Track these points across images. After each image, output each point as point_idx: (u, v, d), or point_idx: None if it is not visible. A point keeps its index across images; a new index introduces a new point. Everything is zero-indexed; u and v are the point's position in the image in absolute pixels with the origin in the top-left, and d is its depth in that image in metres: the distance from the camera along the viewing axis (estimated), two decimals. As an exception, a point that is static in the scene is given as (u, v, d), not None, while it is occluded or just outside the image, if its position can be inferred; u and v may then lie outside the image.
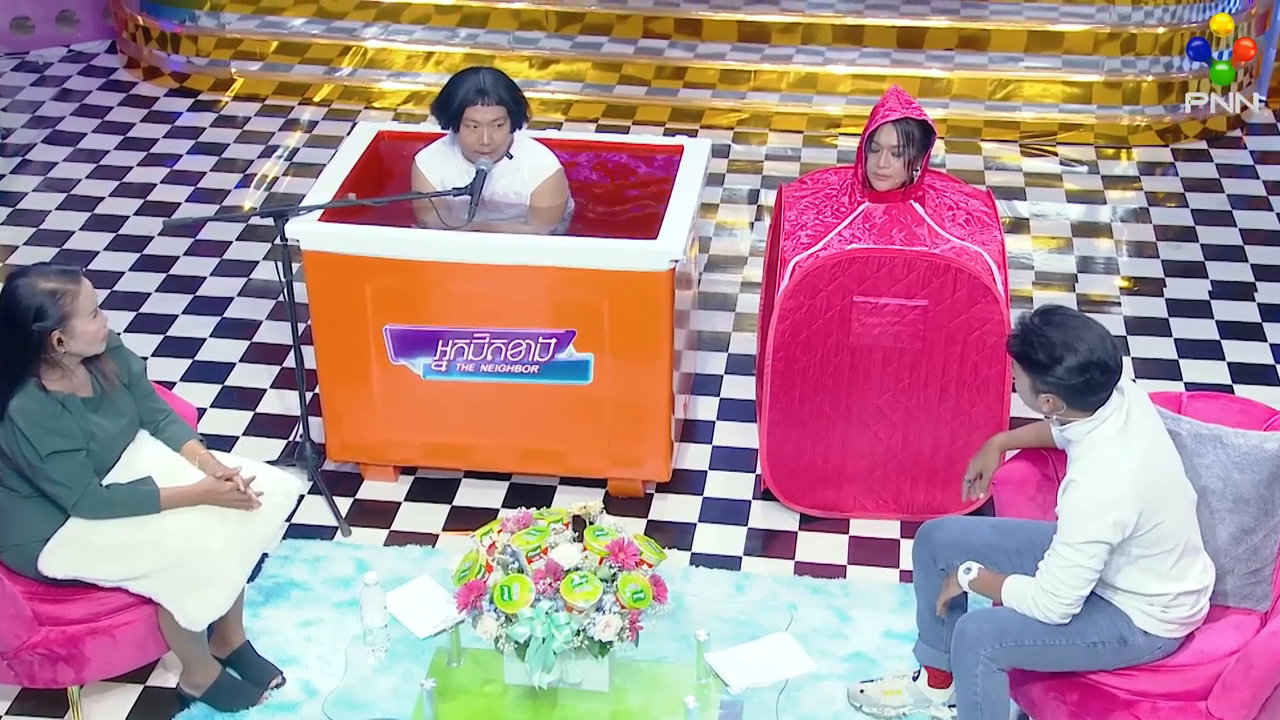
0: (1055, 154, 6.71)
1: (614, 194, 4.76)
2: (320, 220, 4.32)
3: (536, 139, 4.60)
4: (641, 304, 4.23)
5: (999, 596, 3.42)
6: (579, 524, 3.51)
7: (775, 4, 7.21)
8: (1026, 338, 3.29)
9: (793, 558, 4.40)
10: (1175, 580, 3.37)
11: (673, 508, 4.59)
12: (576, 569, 3.38)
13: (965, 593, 3.60)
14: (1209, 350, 5.33)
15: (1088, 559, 3.26)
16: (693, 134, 6.71)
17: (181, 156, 6.66)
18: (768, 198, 6.28)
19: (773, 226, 4.73)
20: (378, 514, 4.55)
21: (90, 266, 5.78)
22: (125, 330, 5.37)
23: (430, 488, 4.66)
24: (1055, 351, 3.25)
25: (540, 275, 4.23)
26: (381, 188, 4.70)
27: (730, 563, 4.37)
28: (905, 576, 4.28)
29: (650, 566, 3.46)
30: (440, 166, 4.49)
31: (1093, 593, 3.36)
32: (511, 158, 4.47)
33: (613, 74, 7.08)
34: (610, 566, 3.41)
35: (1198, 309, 5.58)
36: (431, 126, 4.68)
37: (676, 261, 4.18)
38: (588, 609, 3.33)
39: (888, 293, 4.17)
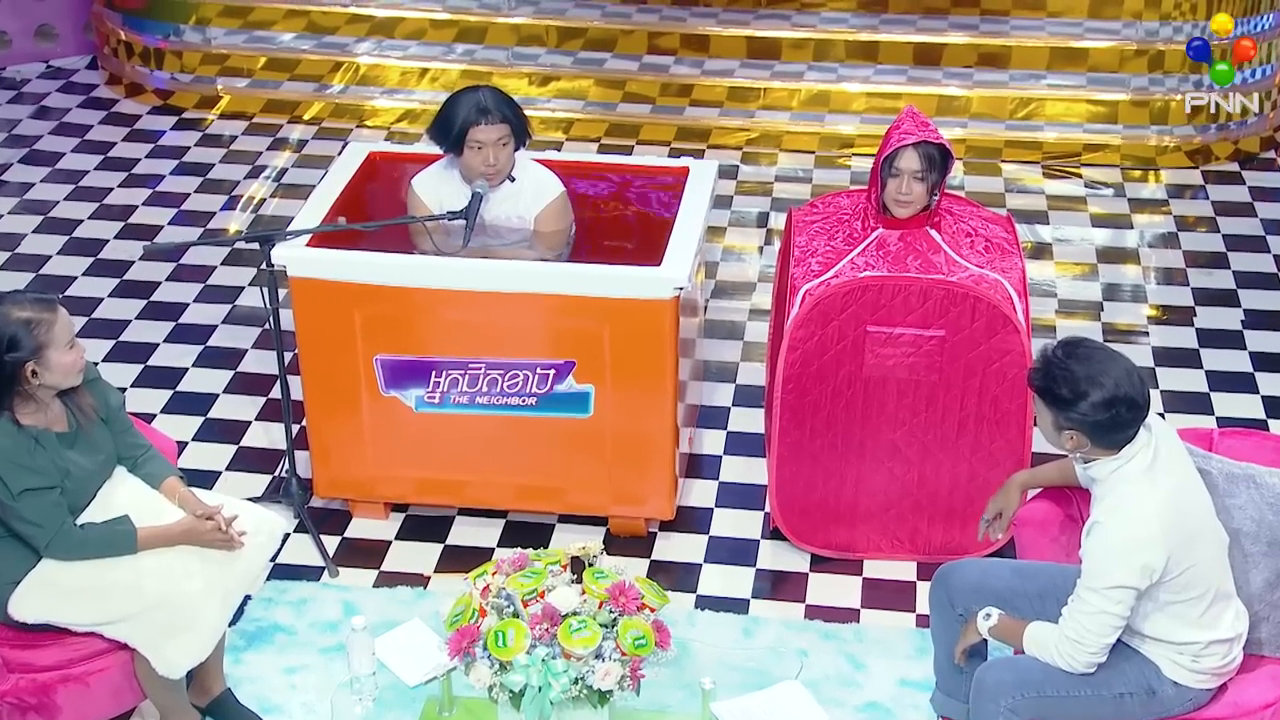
0: (1079, 176, 6.71)
1: (616, 218, 4.77)
2: (308, 245, 4.32)
3: (537, 160, 4.61)
4: (644, 333, 4.23)
5: (1020, 644, 3.40)
6: (578, 566, 3.50)
7: (786, 19, 7.23)
8: (1049, 371, 3.28)
9: (803, 601, 4.38)
10: (1206, 628, 3.35)
11: (677, 547, 4.58)
12: (575, 613, 3.36)
13: (985, 640, 3.58)
14: (1241, 383, 5.31)
15: (1114, 605, 3.24)
16: (699, 154, 6.74)
17: (164, 177, 6.67)
18: (777, 221, 6.29)
19: (782, 252, 4.73)
20: (367, 554, 4.54)
21: (67, 292, 5.79)
22: (104, 360, 5.37)
23: (422, 526, 4.65)
24: (1079, 386, 3.24)
25: (538, 303, 4.23)
26: (373, 211, 4.70)
27: (737, 606, 4.36)
28: (922, 621, 4.26)
29: (652, 611, 3.45)
30: (439, 190, 4.50)
31: (1119, 641, 3.34)
32: (513, 180, 4.48)
33: (616, 91, 7.10)
34: (610, 611, 3.39)
35: (1229, 339, 5.57)
36: (425, 147, 4.69)
37: (681, 289, 4.18)
38: (586, 656, 3.31)
39: (903, 322, 4.16)
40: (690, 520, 4.67)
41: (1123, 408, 3.24)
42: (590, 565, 3.51)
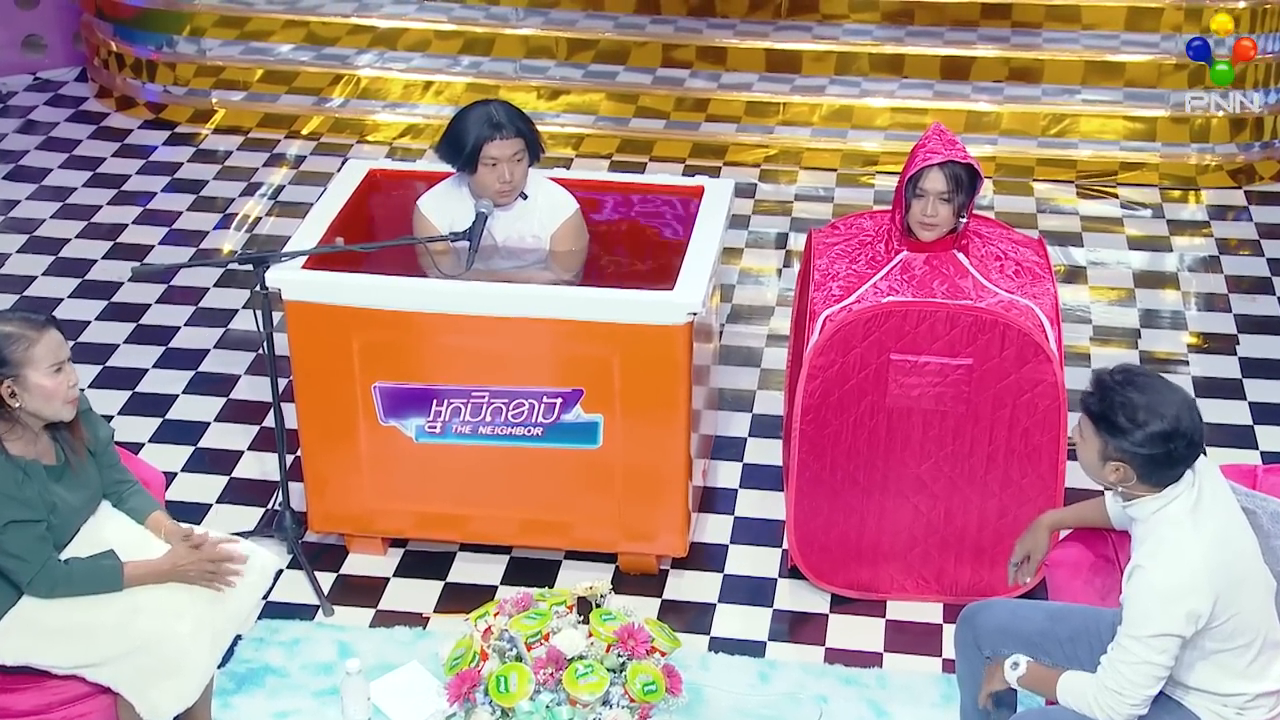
0: (1116, 196, 6.70)
1: (627, 239, 4.77)
2: (305, 267, 4.33)
3: (547, 178, 4.62)
4: (656, 360, 4.22)
5: (1053, 694, 3.37)
6: (584, 606, 3.49)
7: (807, 30, 7.24)
8: (1107, 397, 3.25)
9: (823, 644, 4.36)
10: (1253, 679, 3.32)
11: (690, 586, 4.56)
12: (581, 657, 3.36)
13: (1014, 689, 3.56)
14: (1287, 415, 5.30)
15: (1157, 654, 3.22)
16: (716, 171, 6.76)
17: (156, 195, 6.70)
18: (797, 242, 6.29)
19: (801, 275, 4.73)
20: (363, 591, 4.53)
21: (53, 315, 5.79)
22: (90, 386, 5.38)
23: (422, 562, 4.64)
24: (1138, 415, 3.21)
25: (545, 329, 4.23)
26: (373, 231, 4.71)
27: (753, 649, 4.34)
28: (948, 666, 4.24)
29: (663, 655, 3.45)
30: (449, 211, 4.50)
31: (1161, 692, 3.31)
32: (526, 197, 4.48)
33: (629, 106, 7.11)
34: (618, 655, 3.39)
35: (1274, 369, 5.55)
36: (429, 164, 4.70)
37: (695, 314, 4.18)
38: (593, 703, 3.30)
39: (928, 350, 4.15)
40: (704, 558, 4.66)
41: (1181, 443, 3.22)
42: (597, 606, 3.51)
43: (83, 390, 3.63)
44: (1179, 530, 3.24)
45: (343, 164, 5.06)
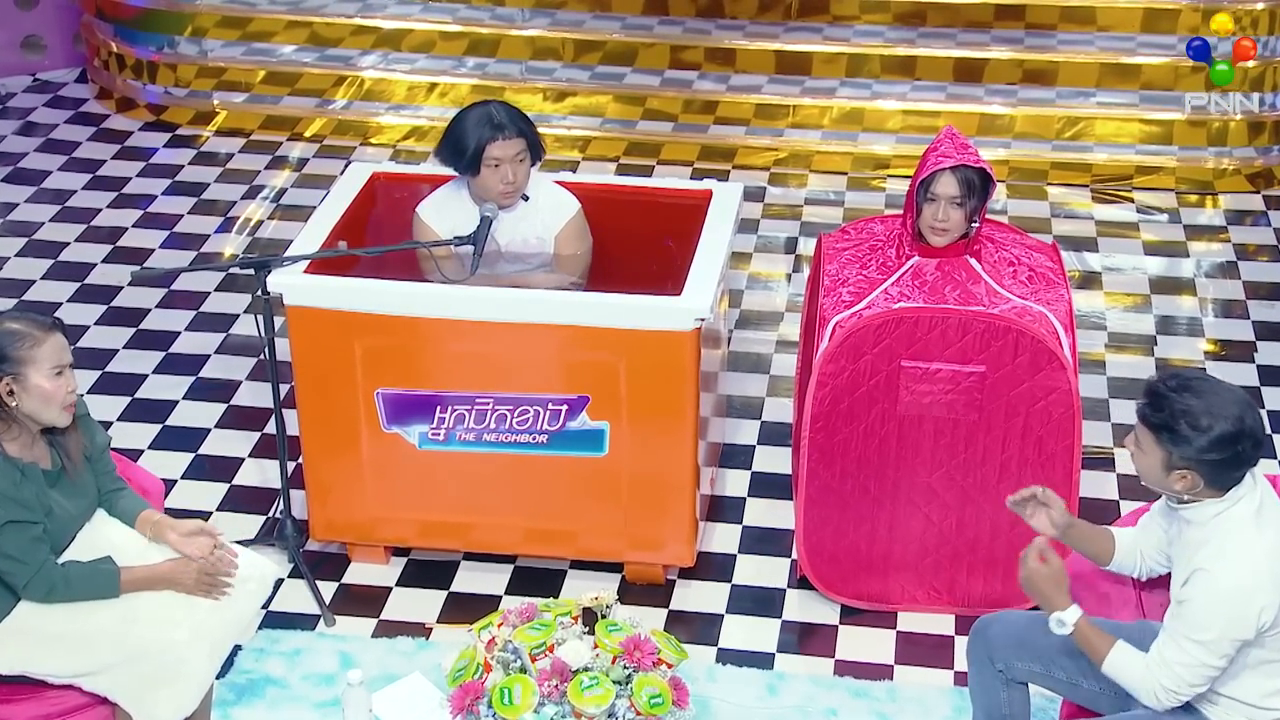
0: (1131, 200, 6.70)
1: (634, 243, 4.77)
2: (306, 271, 4.33)
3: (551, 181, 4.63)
4: (663, 367, 4.22)
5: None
6: (590, 617, 3.49)
7: (818, 32, 7.24)
8: (1165, 405, 3.22)
9: (832, 656, 4.36)
10: None
11: (697, 596, 4.56)
12: (586, 669, 3.36)
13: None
14: (1306, 423, 5.29)
15: (1217, 658, 3.22)
16: (725, 174, 6.76)
17: (156, 198, 6.71)
18: (806, 247, 6.28)
19: (811, 280, 4.72)
20: (365, 601, 4.53)
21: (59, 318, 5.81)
22: (89, 391, 5.39)
23: (425, 571, 4.64)
24: (1201, 421, 3.19)
25: (550, 334, 4.23)
26: (376, 235, 4.71)
27: (762, 660, 4.33)
28: (960, 679, 4.24)
29: (670, 667, 3.44)
30: (450, 216, 4.51)
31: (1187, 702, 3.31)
32: (528, 199, 4.49)
33: (636, 108, 7.11)
34: (624, 666, 3.39)
35: (1293, 376, 5.56)
36: (433, 167, 4.70)
37: (703, 320, 4.17)
38: (599, 715, 3.30)
39: (940, 357, 4.15)
40: (711, 567, 4.66)
41: (1247, 443, 3.20)
42: (603, 617, 3.51)
43: (80, 396, 3.64)
44: (1244, 534, 3.23)
45: (346, 167, 5.06)
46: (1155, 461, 3.27)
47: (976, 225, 4.25)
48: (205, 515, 4.85)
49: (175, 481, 4.98)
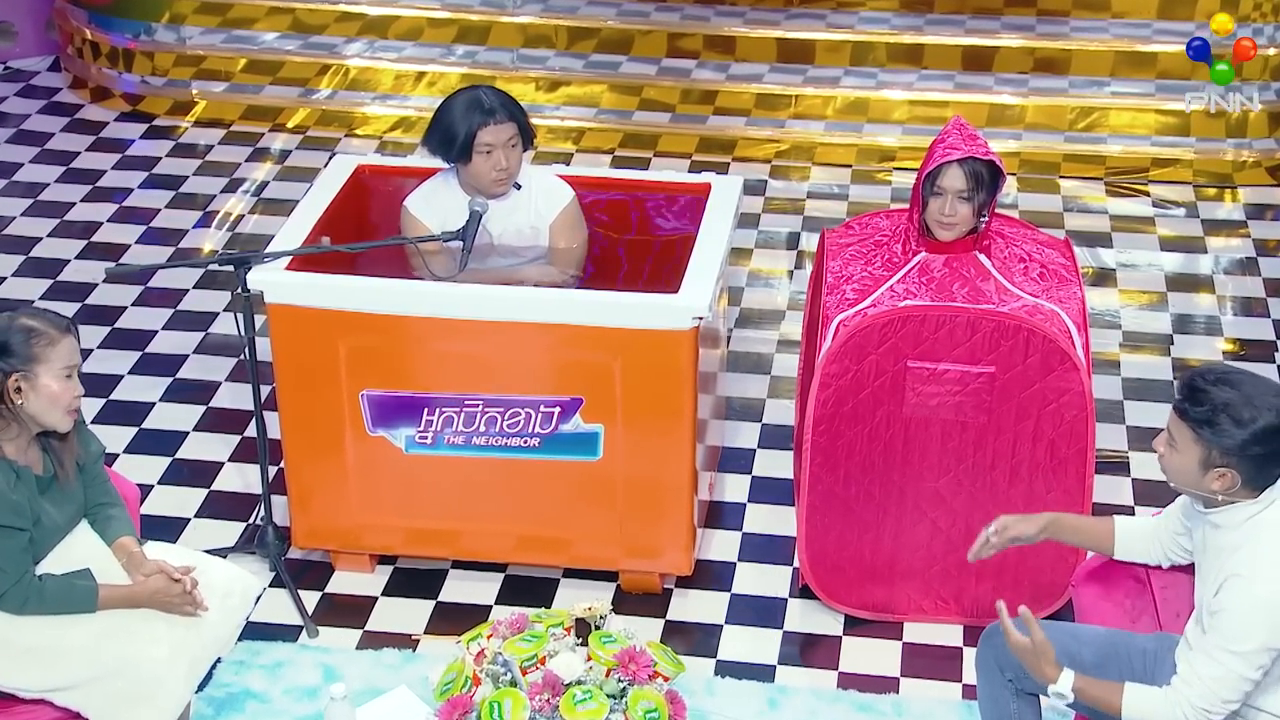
0: (1147, 194, 6.70)
1: (630, 239, 4.77)
2: (288, 268, 4.33)
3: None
4: (660, 367, 4.22)
5: (1116, 710, 3.29)
6: (583, 628, 3.49)
7: (821, 19, 7.25)
8: (1204, 400, 3.20)
9: (836, 668, 4.36)
10: None
11: (695, 606, 4.56)
12: (579, 683, 3.36)
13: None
14: (1328, 425, 5.28)
15: (1253, 670, 3.19)
16: (724, 167, 6.76)
17: (132, 191, 6.70)
18: (809, 242, 6.29)
19: (814, 278, 4.73)
20: (350, 611, 4.53)
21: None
22: (62, 392, 5.38)
23: (412, 580, 4.64)
24: (1243, 414, 3.17)
25: (542, 333, 4.23)
26: (361, 230, 4.71)
27: (762, 673, 4.33)
28: (969, 692, 4.23)
29: (666, 680, 3.44)
30: (439, 209, 4.51)
31: None
32: (520, 187, 4.49)
33: (632, 98, 7.12)
34: (619, 680, 3.39)
35: (1315, 377, 5.56)
36: (420, 159, 4.70)
37: (701, 318, 4.17)
38: (592, 730, 3.30)
39: (948, 357, 4.15)
40: (710, 576, 4.66)
41: None
42: (597, 628, 3.50)
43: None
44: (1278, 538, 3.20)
45: (330, 159, 5.07)
46: (1191, 460, 3.24)
47: (985, 220, 4.25)
48: (183, 522, 4.85)
49: (152, 487, 4.98)
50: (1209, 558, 3.31)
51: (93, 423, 5.19)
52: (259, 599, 4.44)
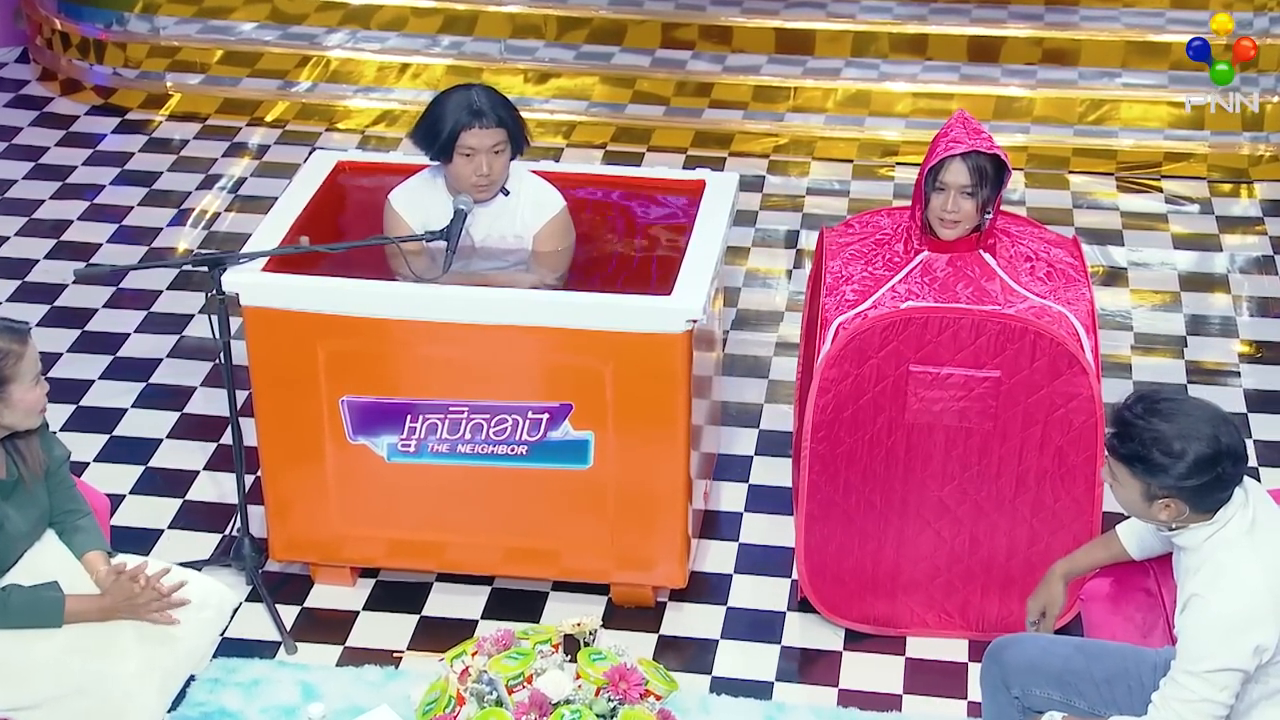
0: (1159, 190, 6.70)
1: (621, 238, 4.77)
2: (265, 269, 4.32)
3: (533, 171, 4.62)
4: (653, 372, 4.22)
5: None
6: (571, 645, 3.49)
7: (821, 8, 7.25)
8: (1134, 435, 3.25)
9: (836, 684, 4.36)
10: None
11: (690, 620, 4.56)
12: (568, 702, 3.35)
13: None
14: (1348, 431, 5.30)
15: (1218, 691, 3.21)
16: (720, 162, 6.76)
17: (104, 188, 6.70)
18: (808, 241, 6.29)
19: (813, 278, 4.72)
20: (330, 626, 4.52)
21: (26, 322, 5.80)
22: (30, 398, 5.38)
23: (394, 594, 4.63)
24: (1173, 446, 3.21)
25: (530, 337, 4.22)
26: (341, 230, 4.71)
27: (760, 690, 4.33)
28: (974, 709, 4.24)
29: (659, 698, 3.44)
30: (424, 206, 4.50)
31: None
32: (508, 194, 4.49)
33: (625, 90, 7.12)
34: (609, 699, 3.38)
35: (1334, 380, 5.56)
36: (404, 155, 4.70)
37: (696, 321, 4.17)
38: (580, 751, 3.29)
39: (951, 361, 4.15)
40: (705, 589, 4.65)
41: (1227, 463, 3.22)
42: (586, 644, 3.50)
43: None
44: (1236, 554, 3.24)
45: (310, 154, 5.06)
46: (1134, 493, 3.30)
47: (990, 217, 4.25)
48: (156, 534, 4.84)
49: (123, 497, 4.97)
50: (1179, 579, 3.36)
51: (62, 430, 5.24)
52: (235, 613, 4.43)
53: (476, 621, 4.53)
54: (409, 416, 4.35)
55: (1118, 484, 3.33)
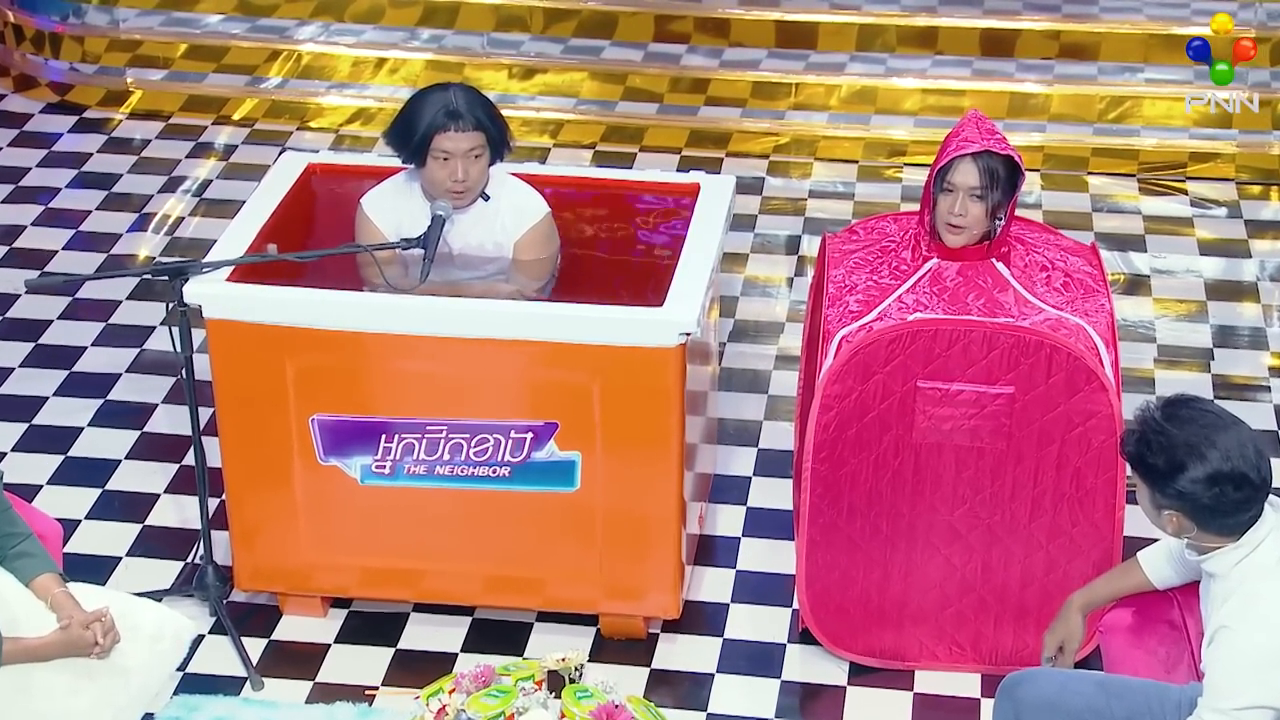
0: (1184, 192, 6.71)
1: (610, 246, 4.79)
2: (229, 279, 4.32)
3: (514, 174, 4.63)
4: (643, 388, 4.22)
5: None
6: (556, 681, 3.48)
7: (824, -1, 7.28)
8: (1144, 436, 3.28)
9: (840, 721, 4.36)
10: None
11: (684, 653, 4.55)
12: (551, 742, 3.35)
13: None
14: (1385, 450, 5.30)
15: None
16: (717, 163, 6.77)
17: (60, 191, 6.70)
18: (811, 247, 6.29)
19: (815, 287, 4.73)
20: (299, 660, 4.52)
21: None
22: (-21, 416, 5.39)
23: (368, 626, 4.63)
24: (1176, 456, 3.24)
25: (513, 351, 4.22)
26: (311, 237, 4.71)
27: (758, 728, 4.33)
28: (987, 748, 4.24)
29: (649, 738, 3.43)
30: (396, 211, 4.51)
31: None
32: (488, 199, 4.49)
33: (615, 86, 7.13)
34: (596, 738, 3.38)
35: (1370, 395, 5.57)
36: (379, 157, 4.70)
37: (689, 334, 4.17)
38: (565, 795, 3.29)
39: (962, 377, 4.15)
40: (700, 620, 4.65)
41: (1229, 486, 3.23)
42: (571, 680, 3.50)
43: None
44: (1269, 585, 3.25)
45: (279, 155, 5.06)
46: (1145, 499, 3.34)
47: (1002, 223, 4.24)
48: (114, 562, 4.84)
49: (79, 522, 4.96)
50: (1208, 608, 3.37)
51: (13, 450, 5.24)
52: (196, 645, 4.44)
53: (456, 655, 4.53)
54: (384, 436, 4.34)
55: (1138, 487, 3.35)
